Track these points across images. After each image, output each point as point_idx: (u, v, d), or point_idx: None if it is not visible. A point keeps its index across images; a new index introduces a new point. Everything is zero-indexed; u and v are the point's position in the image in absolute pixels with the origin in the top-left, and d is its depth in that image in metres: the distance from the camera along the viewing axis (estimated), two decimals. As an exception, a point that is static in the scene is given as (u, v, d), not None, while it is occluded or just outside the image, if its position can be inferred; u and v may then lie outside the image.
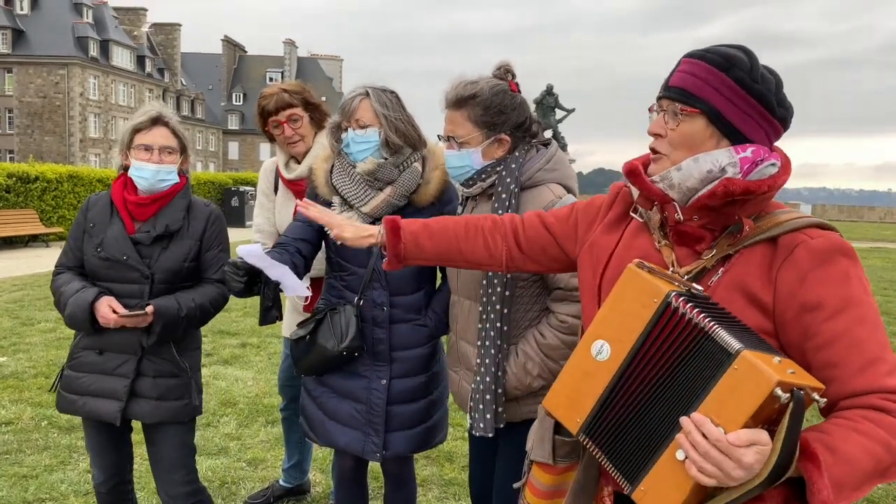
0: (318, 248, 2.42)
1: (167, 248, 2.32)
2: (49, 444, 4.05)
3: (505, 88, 2.05)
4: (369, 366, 2.33)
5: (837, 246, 1.24)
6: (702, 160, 1.29)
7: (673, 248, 1.37)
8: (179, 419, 2.39)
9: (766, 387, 1.04)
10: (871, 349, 1.18)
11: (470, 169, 2.06)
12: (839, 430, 1.13)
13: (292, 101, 2.84)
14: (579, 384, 1.28)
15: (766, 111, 1.29)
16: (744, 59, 1.29)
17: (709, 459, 1.07)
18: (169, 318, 2.26)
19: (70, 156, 50.83)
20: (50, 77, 51.72)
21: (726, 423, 1.07)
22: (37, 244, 15.90)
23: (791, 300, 1.23)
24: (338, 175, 2.32)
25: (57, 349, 6.23)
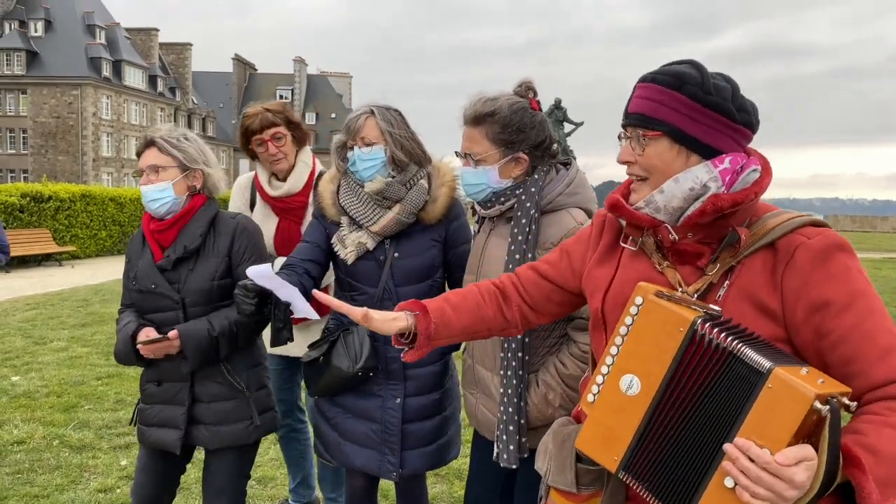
0: (326, 268, 2.42)
1: (193, 269, 2.28)
2: (60, 463, 4.07)
3: (525, 106, 2.03)
4: (383, 385, 2.32)
5: (835, 242, 1.26)
6: (682, 179, 1.31)
7: (675, 268, 1.36)
8: (242, 441, 2.35)
9: (806, 402, 1.04)
10: (884, 339, 1.19)
11: (486, 187, 2.04)
12: (873, 429, 1.13)
13: (276, 119, 2.88)
14: (612, 422, 1.27)
15: (726, 119, 1.30)
16: (694, 74, 1.30)
17: (761, 484, 1.06)
18: (198, 340, 2.21)
19: (83, 175, 51.34)
20: (63, 97, 52.36)
21: (771, 443, 1.07)
22: (50, 263, 16.04)
23: (798, 302, 1.24)
24: (345, 195, 2.33)
25: (69, 368, 6.26)
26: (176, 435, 2.30)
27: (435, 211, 2.31)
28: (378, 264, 2.31)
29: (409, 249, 2.31)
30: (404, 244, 2.31)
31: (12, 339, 7.47)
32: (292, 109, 3.09)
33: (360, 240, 2.29)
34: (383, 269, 2.30)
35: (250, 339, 2.37)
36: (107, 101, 54.40)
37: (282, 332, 2.22)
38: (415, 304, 1.64)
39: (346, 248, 2.31)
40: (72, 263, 16.25)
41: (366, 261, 2.31)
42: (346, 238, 2.32)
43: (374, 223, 2.27)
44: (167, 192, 2.28)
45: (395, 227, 2.27)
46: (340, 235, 2.34)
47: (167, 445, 2.32)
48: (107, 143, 54.78)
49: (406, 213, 2.27)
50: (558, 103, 22.27)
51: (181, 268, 2.29)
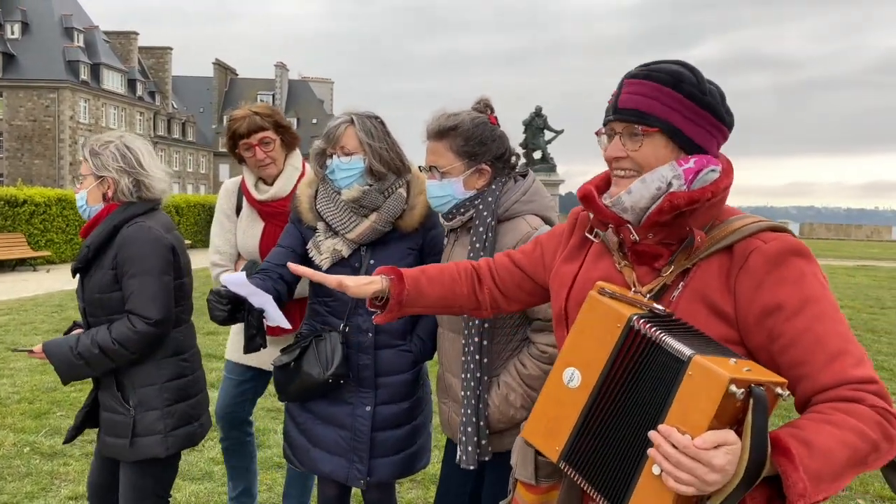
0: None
1: (91, 279, 2.28)
2: (31, 470, 4.01)
3: (485, 120, 2.10)
4: (354, 392, 2.32)
5: (791, 247, 1.27)
6: (649, 180, 1.32)
7: (633, 267, 1.39)
8: (122, 458, 2.30)
9: (721, 386, 1.07)
10: (834, 343, 1.20)
11: (451, 198, 2.09)
12: (812, 424, 1.14)
13: (264, 123, 2.82)
14: (554, 412, 1.31)
15: (717, 121, 1.33)
16: (689, 75, 1.32)
17: (681, 468, 1.08)
18: (59, 357, 2.22)
19: (60, 179, 50.68)
20: (40, 101, 51.70)
21: (692, 429, 1.09)
22: (24, 268, 15.79)
23: (751, 306, 1.25)
24: (322, 201, 2.33)
25: (41, 374, 6.17)
26: (73, 430, 2.41)
27: (412, 219, 2.32)
28: (353, 271, 2.31)
29: (385, 257, 2.31)
30: (380, 251, 2.32)
31: (-16, 345, 7.34)
32: (281, 112, 3.03)
33: (335, 247, 2.30)
34: (358, 275, 2.30)
35: (118, 363, 2.22)
36: (84, 105, 53.79)
37: (255, 339, 2.21)
38: (391, 270, 1.70)
39: (321, 255, 2.32)
40: (47, 268, 16.01)
41: (341, 267, 2.31)
42: (322, 244, 2.32)
43: (351, 231, 2.28)
44: (83, 201, 2.34)
45: (371, 236, 2.28)
46: (316, 241, 2.34)
47: (67, 434, 2.43)
48: (84, 147, 54.15)
49: (382, 222, 2.28)
50: (539, 111, 22.37)
51: (84, 276, 2.32)
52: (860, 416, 1.14)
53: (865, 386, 1.17)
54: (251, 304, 2.16)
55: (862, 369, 1.18)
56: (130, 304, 2.19)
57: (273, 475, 3.99)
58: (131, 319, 2.19)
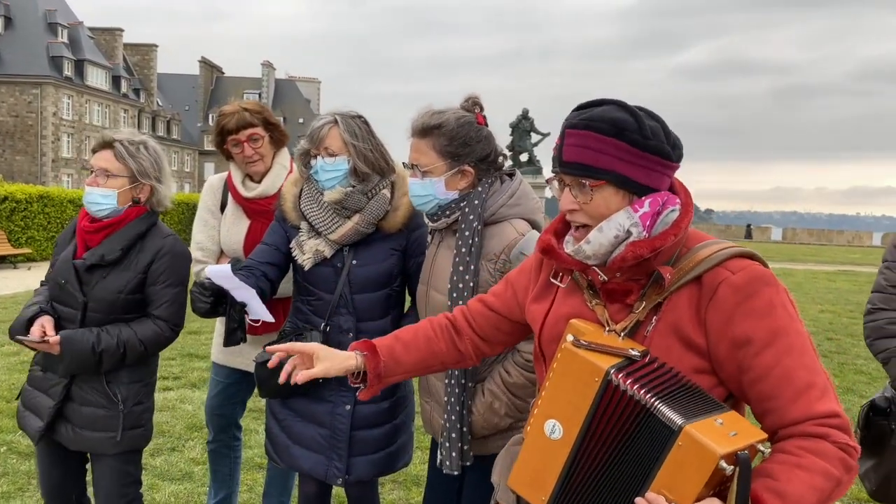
0: (285, 271, 2.42)
1: (106, 277, 2.26)
2: (7, 470, 3.96)
3: (471, 120, 2.06)
4: (334, 390, 2.32)
5: (758, 276, 1.28)
6: (605, 229, 1.32)
7: (605, 305, 1.39)
8: (103, 451, 2.32)
9: (711, 462, 1.09)
10: (801, 377, 1.23)
11: (433, 198, 2.07)
12: (784, 471, 1.17)
13: (253, 120, 2.81)
14: (539, 463, 1.32)
15: (664, 161, 1.32)
16: (630, 121, 1.29)
17: None
18: (79, 351, 2.18)
19: (42, 176, 50.11)
20: (23, 96, 51.08)
21: (679, 497, 1.13)
22: (4, 265, 15.60)
23: (722, 338, 1.27)
24: (306, 201, 2.32)
25: (20, 373, 6.10)
26: (38, 424, 2.31)
27: (396, 220, 2.32)
28: (335, 271, 2.31)
29: (367, 257, 2.31)
30: (363, 252, 2.31)
31: (-39, 343, 7.24)
32: (270, 110, 3.01)
33: (317, 247, 2.29)
34: (340, 276, 2.30)
35: (134, 361, 2.30)
36: (68, 101, 53.23)
37: (235, 333, 2.21)
38: (364, 345, 1.64)
39: (303, 254, 2.31)
40: (28, 266, 15.83)
41: (323, 267, 2.31)
42: (305, 244, 2.32)
43: (333, 231, 2.28)
44: (110, 200, 2.26)
45: (353, 237, 2.28)
46: (299, 241, 2.34)
47: (28, 432, 2.35)
48: (67, 143, 53.58)
49: (365, 224, 2.28)
50: (525, 114, 22.45)
51: (95, 273, 2.27)
52: (826, 455, 1.18)
53: (830, 420, 1.21)
54: (233, 298, 2.14)
55: (825, 403, 1.22)
56: (162, 310, 2.29)
57: (254, 475, 3.97)
58: (159, 324, 2.29)
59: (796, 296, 10.07)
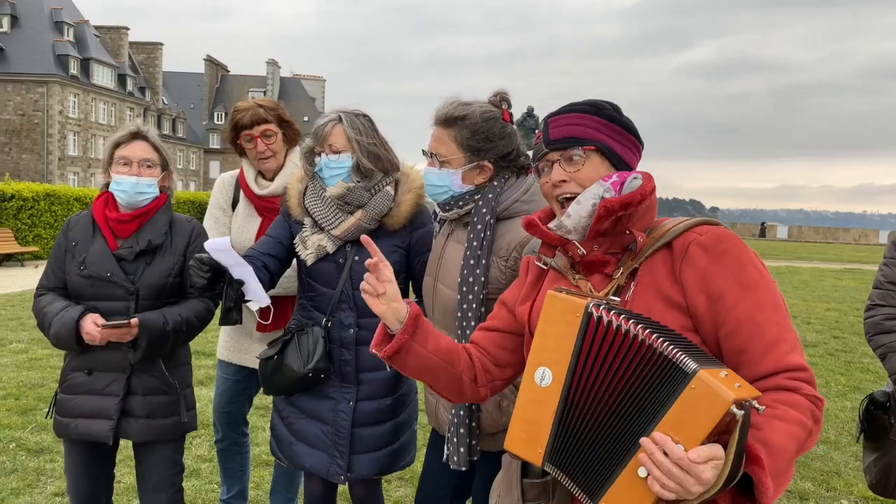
0: (285, 265, 2.43)
1: (151, 263, 2.32)
2: (17, 466, 3.99)
3: (497, 116, 2.05)
4: (337, 387, 2.33)
5: (725, 237, 1.36)
6: (583, 201, 1.43)
7: (587, 278, 1.46)
8: (169, 437, 2.39)
9: (724, 406, 1.10)
10: (771, 332, 1.30)
11: (448, 189, 2.06)
12: (765, 422, 1.22)
13: (267, 116, 2.84)
14: (532, 416, 1.32)
15: (634, 139, 1.50)
16: (605, 104, 1.49)
17: (671, 477, 1.12)
18: (154, 331, 2.23)
19: (48, 174, 50.29)
20: (29, 95, 51.27)
21: (686, 440, 1.12)
22: (11, 263, 15.67)
23: (699, 294, 1.33)
24: (310, 197, 2.34)
25: (28, 370, 6.14)
26: (108, 425, 2.29)
27: (399, 217, 2.32)
28: (338, 267, 2.32)
29: (370, 254, 2.31)
30: (365, 249, 2.32)
31: (-30, 341, 7.29)
32: (286, 109, 3.02)
33: (320, 242, 2.31)
34: (342, 271, 2.31)
35: (190, 338, 2.40)
36: (74, 100, 53.41)
37: (231, 313, 2.19)
38: (409, 302, 1.58)
39: (306, 250, 2.33)
40: (35, 264, 15.90)
41: (326, 262, 2.32)
42: (308, 239, 2.33)
43: (336, 227, 2.29)
44: (154, 189, 2.35)
45: (355, 233, 2.28)
46: (302, 236, 2.35)
47: (97, 436, 2.30)
48: (73, 142, 53.76)
49: (368, 220, 2.29)
50: (531, 111, 22.41)
51: (139, 260, 2.31)
52: (799, 406, 1.25)
53: (799, 374, 1.28)
54: (231, 276, 2.14)
55: (795, 356, 1.29)
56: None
57: (261, 472, 3.99)
58: (206, 301, 2.40)
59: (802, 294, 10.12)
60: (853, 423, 5.32)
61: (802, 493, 3.98)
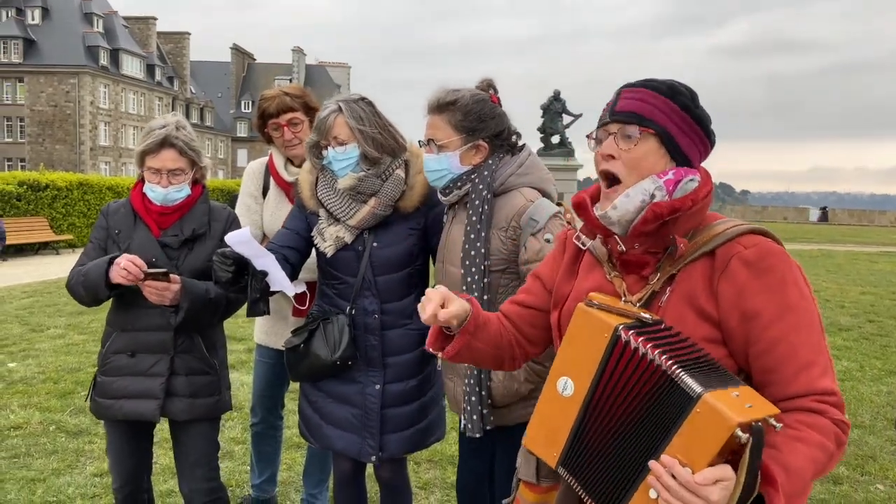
0: (305, 256, 2.46)
1: (192, 249, 2.39)
2: (57, 448, 4.10)
3: (485, 98, 2.13)
4: (363, 372, 2.36)
5: (770, 252, 1.31)
6: (632, 194, 1.36)
7: (622, 277, 1.43)
8: (211, 416, 2.46)
9: (727, 430, 1.11)
10: (804, 354, 1.27)
11: (447, 172, 2.11)
12: (786, 443, 1.21)
13: (293, 104, 2.87)
14: (552, 421, 1.36)
15: (704, 135, 1.41)
16: (684, 89, 1.40)
17: (679, 499, 1.14)
18: (196, 295, 2.28)
19: (80, 164, 51.21)
20: (61, 86, 52.15)
21: (693, 463, 1.14)
22: (47, 252, 16.04)
23: (733, 311, 1.30)
24: (322, 189, 2.36)
25: (66, 355, 6.30)
26: (154, 404, 2.35)
27: (412, 199, 2.33)
28: (357, 255, 2.34)
29: (387, 238, 2.33)
30: (383, 234, 2.34)
31: (9, 326, 7.50)
32: (312, 95, 3.05)
33: (337, 234, 2.32)
34: (362, 259, 2.33)
35: (227, 314, 2.46)
36: (104, 90, 54.20)
37: (257, 304, 2.22)
38: (463, 295, 1.56)
39: (325, 242, 2.34)
40: (69, 252, 16.25)
41: (345, 251, 2.34)
42: (325, 231, 2.35)
43: (351, 217, 2.30)
44: (185, 191, 2.40)
45: (371, 221, 2.30)
46: (319, 228, 2.37)
47: (144, 416, 2.36)
48: (104, 132, 54.63)
49: (382, 206, 2.30)
50: (557, 95, 22.16)
51: (182, 247, 2.38)
52: (823, 429, 1.23)
53: (827, 398, 1.26)
54: (254, 268, 2.17)
55: (826, 381, 1.27)
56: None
57: (293, 455, 4.05)
58: None
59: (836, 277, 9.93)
60: (888, 408, 5.24)
61: (836, 478, 3.93)
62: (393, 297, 2.36)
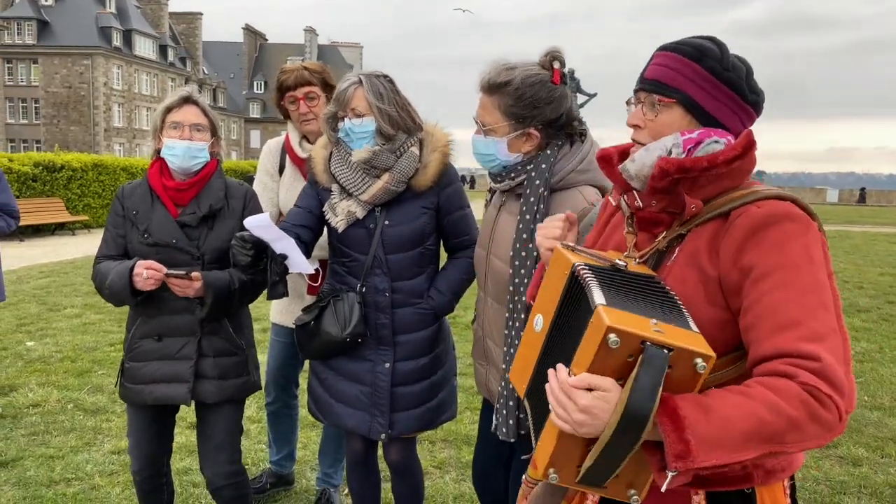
0: (318, 234, 2.44)
1: (213, 228, 2.35)
2: (75, 425, 4.14)
3: (544, 79, 1.93)
4: (373, 349, 2.35)
5: (782, 212, 1.22)
6: (652, 148, 1.33)
7: (636, 234, 1.40)
8: (240, 396, 2.45)
9: (599, 331, 1.08)
10: (788, 313, 1.14)
11: (495, 158, 1.99)
12: (720, 393, 1.11)
13: (311, 79, 2.88)
14: (525, 355, 1.40)
15: (737, 97, 1.32)
16: (714, 49, 1.32)
17: (554, 399, 1.14)
18: (220, 288, 2.25)
19: (95, 145, 51.51)
20: (75, 67, 52.35)
21: (576, 369, 1.15)
22: (63, 232, 16.17)
23: (732, 268, 1.23)
24: (336, 163, 2.33)
25: (83, 334, 6.35)
26: (185, 388, 2.33)
27: (426, 177, 2.31)
28: (368, 232, 2.31)
29: (399, 217, 2.31)
30: (395, 211, 2.31)
31: (27, 306, 7.57)
32: (331, 72, 3.04)
33: (349, 208, 2.30)
34: (373, 236, 2.30)
35: (254, 297, 2.43)
36: (118, 71, 54.35)
37: (277, 287, 2.21)
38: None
39: (336, 217, 2.32)
40: (84, 232, 16.38)
41: (356, 228, 2.32)
42: (337, 206, 2.33)
43: (364, 192, 2.28)
44: (205, 153, 2.36)
45: (384, 196, 2.27)
46: (331, 203, 2.35)
47: (175, 400, 2.35)
48: (118, 113, 54.86)
49: (395, 182, 2.27)
50: (571, 73, 22.01)
51: (202, 226, 2.34)
52: (781, 391, 1.06)
53: (804, 362, 1.08)
54: (273, 251, 2.16)
55: (810, 344, 1.10)
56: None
57: (308, 433, 4.07)
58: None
59: (854, 258, 9.82)
60: (909, 390, 5.18)
61: (856, 459, 3.89)
62: (404, 276, 2.34)
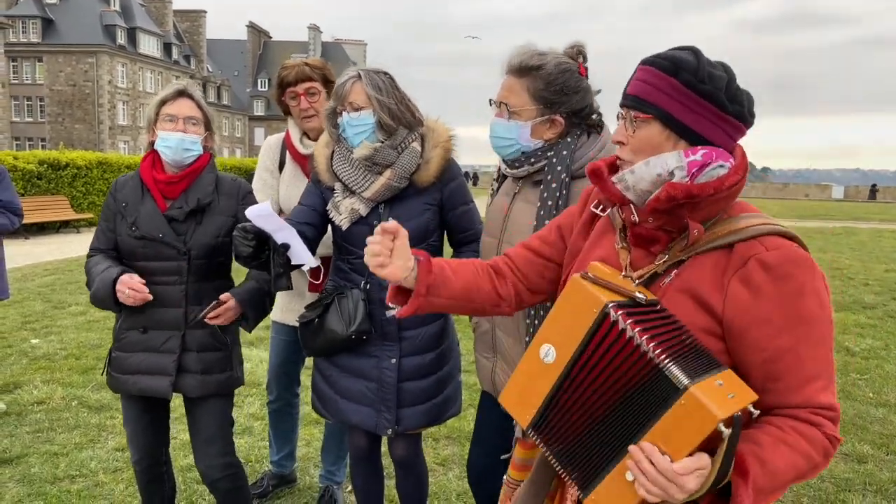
0: (322, 232, 2.43)
1: (201, 223, 2.35)
2: (79, 423, 4.15)
3: (573, 69, 1.94)
4: (379, 345, 2.35)
5: (792, 259, 1.25)
6: (652, 163, 1.32)
7: (630, 250, 1.39)
8: (223, 392, 2.45)
9: (711, 424, 1.11)
10: (811, 368, 1.25)
11: (514, 143, 1.97)
12: (770, 443, 1.22)
13: (312, 75, 2.87)
14: (529, 384, 1.36)
15: (716, 109, 1.29)
16: (691, 61, 1.29)
17: (657, 485, 1.15)
18: (255, 299, 2.35)
19: (100, 143, 51.58)
20: (79, 65, 52.40)
21: (672, 452, 1.16)
22: (68, 230, 16.21)
23: (744, 313, 1.26)
24: (338, 161, 2.33)
25: (87, 332, 6.37)
26: (167, 381, 2.35)
27: (428, 173, 2.30)
28: (372, 229, 2.29)
29: (402, 213, 2.30)
30: (398, 208, 2.31)
31: (32, 303, 7.59)
32: (332, 69, 3.03)
33: (352, 206, 2.30)
34: None
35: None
36: (122, 69, 54.40)
37: (280, 279, 2.20)
38: (420, 252, 1.54)
39: (340, 215, 2.32)
40: (89, 230, 16.41)
41: (360, 225, 2.31)
42: (340, 204, 2.33)
43: (366, 189, 2.27)
44: (198, 146, 2.36)
45: (387, 193, 2.27)
46: (335, 201, 2.34)
47: (157, 392, 2.37)
48: (122, 111, 54.92)
49: (397, 178, 2.27)
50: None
51: (189, 220, 2.34)
52: (813, 440, 1.24)
53: (825, 412, 1.26)
54: (276, 242, 2.15)
55: (827, 395, 1.26)
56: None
57: (311, 431, 4.07)
58: None
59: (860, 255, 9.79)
60: (914, 387, 5.16)
61: (860, 457, 3.88)
62: None
